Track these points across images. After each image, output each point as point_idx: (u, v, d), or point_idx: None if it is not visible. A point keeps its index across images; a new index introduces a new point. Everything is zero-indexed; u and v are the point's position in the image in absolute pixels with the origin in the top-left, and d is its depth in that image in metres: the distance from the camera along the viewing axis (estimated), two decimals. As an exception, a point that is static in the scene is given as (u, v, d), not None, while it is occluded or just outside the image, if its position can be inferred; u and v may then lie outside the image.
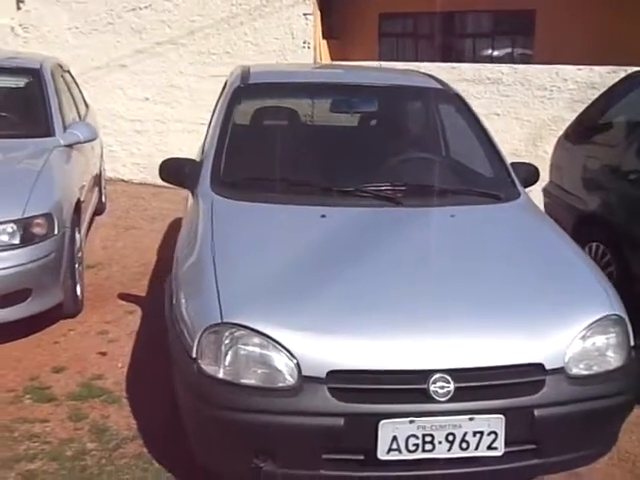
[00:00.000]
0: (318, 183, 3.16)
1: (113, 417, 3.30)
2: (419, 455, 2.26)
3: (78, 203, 4.50)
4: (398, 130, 3.83)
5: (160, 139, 7.98)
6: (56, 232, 3.92)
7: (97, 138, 5.16)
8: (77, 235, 4.44)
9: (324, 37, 7.39)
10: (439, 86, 3.87)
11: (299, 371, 2.26)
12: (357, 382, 2.26)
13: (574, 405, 2.35)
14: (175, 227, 6.61)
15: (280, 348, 2.28)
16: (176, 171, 3.42)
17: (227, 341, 2.32)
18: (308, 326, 2.31)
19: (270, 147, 3.43)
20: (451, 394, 2.24)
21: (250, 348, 2.30)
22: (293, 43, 7.13)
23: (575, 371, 2.39)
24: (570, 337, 2.39)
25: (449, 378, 2.25)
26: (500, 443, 2.28)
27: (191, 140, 7.77)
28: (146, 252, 5.80)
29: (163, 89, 7.83)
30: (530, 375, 2.33)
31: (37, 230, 3.83)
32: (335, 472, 2.31)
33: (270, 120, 3.89)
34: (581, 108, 6.24)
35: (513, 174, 3.45)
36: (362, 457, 2.29)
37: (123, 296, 4.81)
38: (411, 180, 3.25)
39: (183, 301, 2.60)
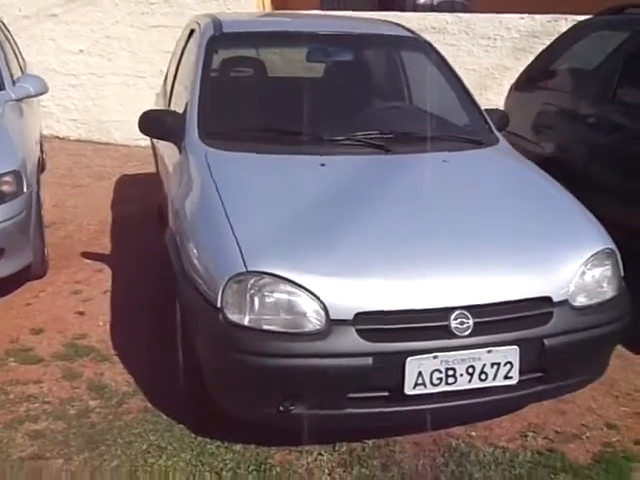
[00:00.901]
0: (309, 132, 3.17)
1: (108, 374, 3.27)
2: (442, 388, 2.38)
3: (39, 160, 4.33)
4: (376, 78, 3.87)
5: (97, 93, 7.68)
6: (25, 190, 3.78)
7: (48, 91, 4.92)
8: (40, 194, 4.29)
9: (266, -16, 7.26)
10: (410, 34, 3.92)
11: (327, 314, 2.32)
12: (383, 322, 2.34)
13: (578, 334, 2.52)
14: (124, 184, 6.47)
15: (307, 293, 2.32)
16: (158, 123, 3.34)
17: (253, 289, 2.34)
18: (333, 270, 2.36)
19: (254, 97, 3.41)
20: (470, 329, 2.36)
21: (277, 295, 2.34)
22: (235, -9, 6.97)
23: (578, 302, 2.55)
24: (573, 271, 2.55)
25: (468, 314, 2.37)
26: (515, 372, 2.43)
27: (131, 94, 7.57)
28: (100, 210, 5.65)
29: (98, 40, 7.50)
30: (540, 307, 2.48)
31: (6, 188, 3.68)
32: (361, 410, 2.41)
33: (248, 70, 3.83)
34: (524, 56, 6.45)
35: (489, 120, 3.57)
36: (387, 393, 2.40)
37: (87, 255, 4.70)
38: (397, 128, 3.32)
39: (197, 253, 2.59)
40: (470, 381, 2.40)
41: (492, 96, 6.57)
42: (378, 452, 2.74)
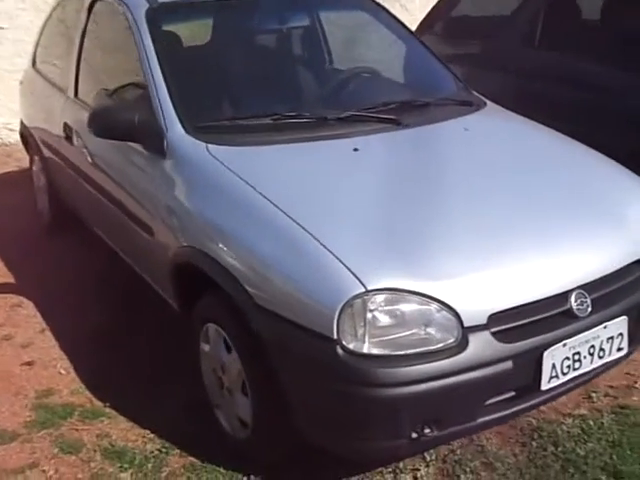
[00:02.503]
0: (311, 113, 2.76)
1: (115, 433, 2.69)
2: (570, 375, 2.23)
3: None
4: (338, 43, 3.49)
5: None
6: None
7: None
8: None
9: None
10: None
11: (460, 323, 2.04)
12: (517, 319, 2.11)
13: None
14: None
15: (437, 303, 2.01)
16: (121, 123, 2.70)
17: (375, 311, 1.98)
18: (456, 271, 2.07)
19: (228, 75, 2.90)
20: (590, 307, 2.23)
21: (405, 310, 2.00)
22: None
23: None
24: None
25: (585, 292, 2.23)
26: (625, 343, 2.34)
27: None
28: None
29: None
30: (637, 272, 2.40)
31: None
32: (494, 415, 2.18)
33: (206, 43, 3.23)
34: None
35: (460, 78, 3.40)
36: (515, 393, 2.20)
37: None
38: (393, 97, 3.01)
39: (269, 274, 2.13)
40: (592, 362, 2.28)
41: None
42: (469, 452, 2.55)
